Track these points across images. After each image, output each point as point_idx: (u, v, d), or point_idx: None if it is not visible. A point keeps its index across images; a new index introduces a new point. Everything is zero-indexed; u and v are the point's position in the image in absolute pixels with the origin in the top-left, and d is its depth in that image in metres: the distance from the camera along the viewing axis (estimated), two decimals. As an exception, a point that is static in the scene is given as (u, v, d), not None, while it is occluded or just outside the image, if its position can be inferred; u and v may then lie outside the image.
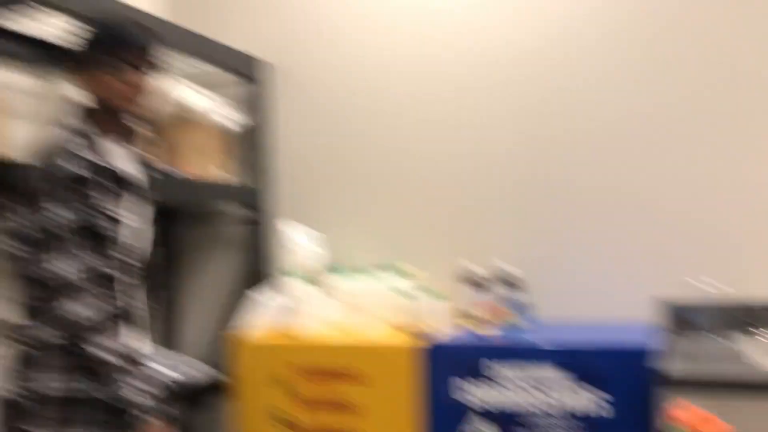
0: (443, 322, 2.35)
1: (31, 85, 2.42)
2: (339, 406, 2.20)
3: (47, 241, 1.52)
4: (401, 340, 2.21)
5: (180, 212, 2.99)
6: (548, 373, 2.03)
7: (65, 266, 1.51)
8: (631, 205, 2.46)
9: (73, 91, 2.04)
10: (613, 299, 2.40)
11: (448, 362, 2.12)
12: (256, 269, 2.80)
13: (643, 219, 2.44)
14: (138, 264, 1.69)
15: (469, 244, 2.58)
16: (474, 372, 2.08)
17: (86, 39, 1.65)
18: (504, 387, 2.05)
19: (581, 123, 2.52)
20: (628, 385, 1.96)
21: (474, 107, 2.62)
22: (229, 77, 2.79)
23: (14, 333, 1.62)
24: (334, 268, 2.59)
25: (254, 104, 2.84)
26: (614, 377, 1.98)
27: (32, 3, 1.94)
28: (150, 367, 1.61)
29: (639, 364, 1.95)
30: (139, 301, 1.69)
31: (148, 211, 1.78)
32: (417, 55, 2.69)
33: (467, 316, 2.40)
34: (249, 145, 2.85)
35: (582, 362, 2.00)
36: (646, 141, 2.46)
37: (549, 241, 2.52)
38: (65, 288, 1.51)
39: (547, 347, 2.06)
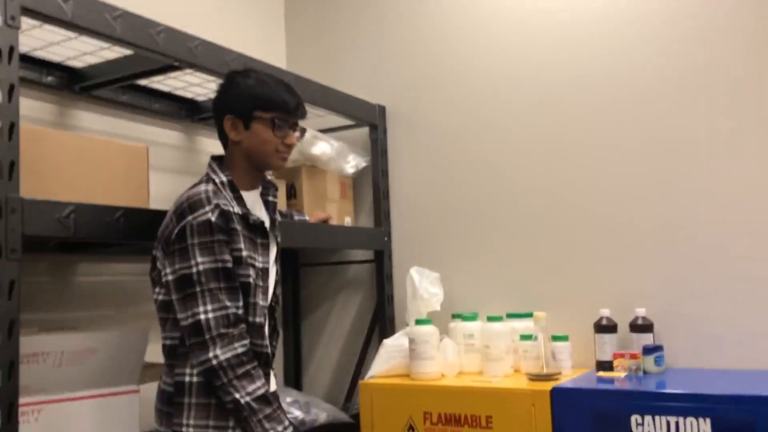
0: (569, 366, 2.28)
1: (174, 139, 2.61)
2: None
3: (183, 284, 1.61)
4: (526, 384, 2.16)
5: (306, 255, 3.09)
6: (686, 422, 1.90)
7: (199, 308, 1.59)
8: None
9: (212, 144, 2.15)
10: (753, 350, 2.24)
11: (576, 407, 2.04)
12: (380, 311, 2.84)
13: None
14: (266, 304, 1.76)
15: (604, 289, 2.46)
16: (603, 418, 1.99)
17: (250, 97, 1.73)
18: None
19: (719, 174, 2.32)
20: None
21: (597, 146, 2.52)
22: (346, 122, 2.88)
23: (156, 373, 1.73)
24: (456, 312, 2.58)
25: (374, 148, 2.90)
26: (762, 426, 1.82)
27: (184, 67, 2.09)
28: (279, 407, 1.66)
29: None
30: (267, 340, 1.75)
31: (275, 254, 1.85)
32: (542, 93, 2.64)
33: (599, 361, 2.32)
34: (370, 188, 2.92)
35: (728, 411, 1.86)
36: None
37: (686, 289, 2.34)
38: (198, 328, 1.58)
39: (686, 393, 1.94)
